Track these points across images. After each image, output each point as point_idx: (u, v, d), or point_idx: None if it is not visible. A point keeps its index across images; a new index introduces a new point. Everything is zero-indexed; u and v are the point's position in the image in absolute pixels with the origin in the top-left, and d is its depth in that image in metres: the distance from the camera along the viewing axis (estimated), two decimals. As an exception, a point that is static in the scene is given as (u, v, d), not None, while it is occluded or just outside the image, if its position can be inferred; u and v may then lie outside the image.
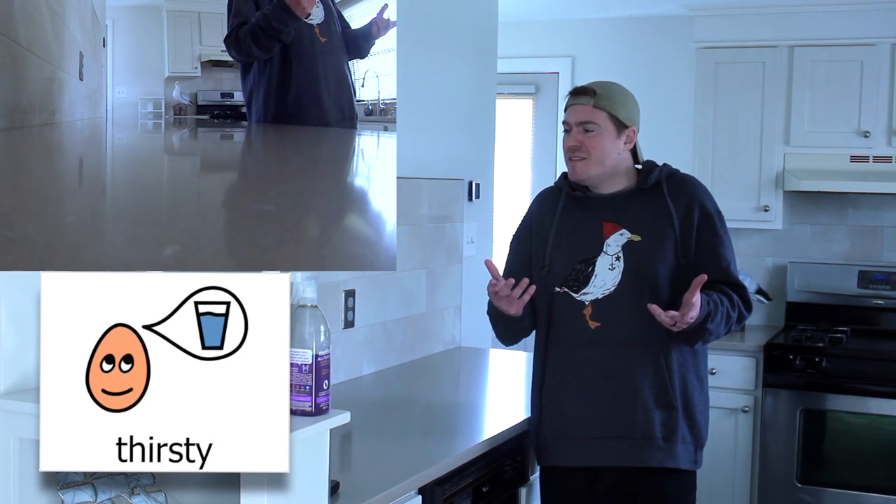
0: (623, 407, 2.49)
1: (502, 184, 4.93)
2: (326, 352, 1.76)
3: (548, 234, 2.60)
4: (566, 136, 2.56)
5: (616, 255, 2.50)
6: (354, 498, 2.04)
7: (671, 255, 2.50)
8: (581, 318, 2.51)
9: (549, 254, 2.58)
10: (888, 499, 4.04)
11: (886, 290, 4.49)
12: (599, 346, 2.50)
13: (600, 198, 2.57)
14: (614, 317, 2.49)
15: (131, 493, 1.78)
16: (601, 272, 2.50)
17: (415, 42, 3.48)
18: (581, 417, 2.51)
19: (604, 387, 2.50)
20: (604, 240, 2.52)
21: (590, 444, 2.51)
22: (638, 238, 2.50)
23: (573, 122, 2.53)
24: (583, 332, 2.51)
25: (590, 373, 2.51)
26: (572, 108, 2.55)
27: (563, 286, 2.53)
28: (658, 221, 2.51)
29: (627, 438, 2.49)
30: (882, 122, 4.33)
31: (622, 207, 2.54)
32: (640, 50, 5.14)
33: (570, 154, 2.54)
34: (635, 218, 2.52)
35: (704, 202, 2.55)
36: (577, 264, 2.52)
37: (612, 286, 2.49)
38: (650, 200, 2.54)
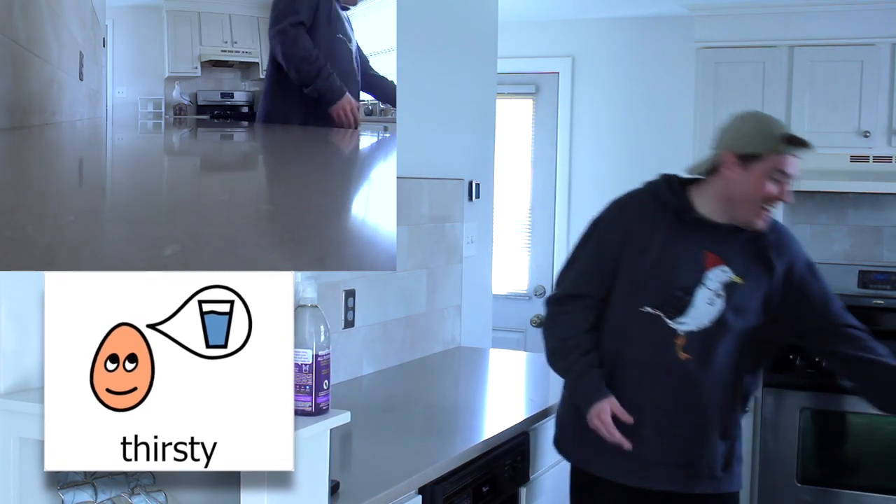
0: (693, 440, 2.48)
1: (502, 184, 4.93)
2: (326, 352, 1.76)
3: (647, 249, 2.48)
4: (774, 185, 2.41)
5: (717, 292, 2.44)
6: (354, 498, 2.04)
7: (762, 307, 2.48)
8: (671, 346, 2.44)
9: (646, 271, 2.47)
10: (888, 499, 4.04)
11: (886, 290, 4.49)
12: (684, 377, 2.45)
13: (706, 224, 2.48)
14: (706, 353, 2.44)
15: (131, 492, 1.78)
16: (699, 304, 2.44)
17: (415, 42, 3.48)
18: (650, 443, 2.47)
19: (679, 418, 2.47)
20: (705, 270, 2.44)
21: (652, 468, 2.49)
22: (741, 281, 2.45)
23: (794, 174, 2.42)
24: (670, 361, 2.44)
25: (668, 402, 2.46)
26: (796, 162, 2.41)
27: (656, 309, 2.45)
28: (759, 270, 2.47)
29: (690, 467, 2.49)
30: (882, 122, 4.33)
31: (725, 241, 2.47)
32: (640, 50, 5.13)
33: (770, 204, 2.43)
34: (738, 259, 2.46)
35: (804, 257, 2.54)
36: (677, 290, 2.44)
37: (708, 322, 2.43)
38: (753, 245, 2.48)
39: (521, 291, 5.45)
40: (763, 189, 2.41)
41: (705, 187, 2.51)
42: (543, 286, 5.37)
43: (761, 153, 2.41)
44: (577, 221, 5.25)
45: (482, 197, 4.06)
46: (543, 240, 5.39)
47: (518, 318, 5.39)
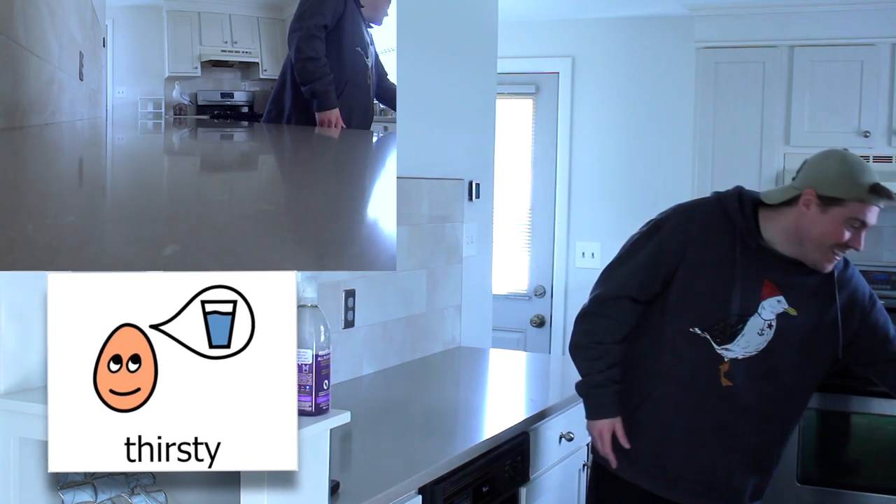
0: (725, 465, 2.46)
1: (502, 184, 4.93)
2: (326, 352, 1.76)
3: (705, 267, 2.42)
4: (850, 231, 2.34)
5: (769, 323, 2.40)
6: (354, 498, 2.04)
7: (818, 339, 2.44)
8: (716, 371, 2.41)
9: (701, 290, 2.42)
10: (888, 499, 4.04)
11: (886, 289, 4.49)
12: (723, 403, 2.42)
13: (771, 254, 2.42)
14: (748, 381, 2.42)
15: (131, 492, 1.78)
16: (749, 333, 2.39)
17: (415, 42, 3.48)
18: (681, 458, 2.47)
19: (713, 442, 2.45)
20: (760, 299, 2.39)
21: (681, 483, 2.48)
22: (794, 312, 2.40)
23: (872, 224, 2.35)
24: (712, 386, 2.42)
25: (705, 426, 2.45)
26: (875, 212, 2.34)
27: (705, 332, 2.41)
28: (818, 304, 2.42)
29: (717, 490, 2.48)
30: (882, 122, 4.33)
31: (787, 273, 2.42)
32: (640, 50, 5.13)
33: (842, 250, 2.37)
34: (797, 290, 2.41)
35: (867, 291, 2.51)
36: (729, 317, 2.39)
37: (754, 350, 2.40)
38: (815, 277, 2.43)
39: (521, 291, 5.45)
40: (838, 235, 2.33)
41: (777, 216, 2.42)
42: (543, 286, 5.37)
43: (845, 198, 2.32)
44: (578, 221, 5.26)
45: (482, 197, 4.06)
46: (543, 240, 5.39)
47: (518, 318, 5.39)
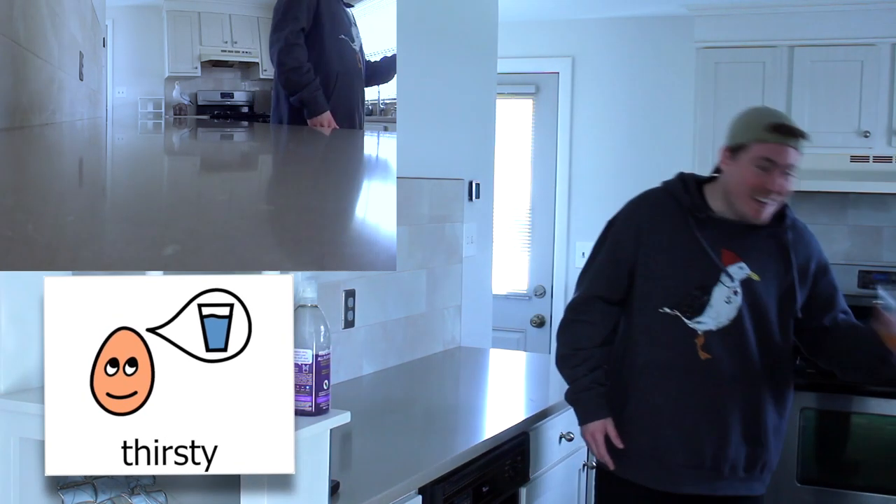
0: (717, 442, 2.46)
1: (502, 184, 4.93)
2: (326, 352, 1.76)
3: (661, 247, 2.48)
4: (761, 174, 2.37)
5: (734, 290, 2.43)
6: (354, 498, 2.04)
7: (782, 302, 2.47)
8: (691, 346, 2.43)
9: (661, 270, 2.47)
10: (888, 499, 4.04)
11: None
12: (706, 378, 2.44)
13: (722, 221, 2.47)
14: (725, 352, 2.43)
15: (131, 493, 1.78)
16: (717, 303, 2.42)
17: (415, 42, 3.48)
18: (674, 445, 2.47)
19: (701, 419, 2.46)
20: (721, 268, 2.43)
21: (677, 470, 2.48)
22: (758, 278, 2.44)
23: (783, 163, 2.37)
24: (691, 362, 2.44)
25: (690, 404, 2.46)
26: (782, 149, 2.37)
27: (674, 309, 2.44)
28: (778, 267, 2.46)
29: (714, 470, 2.47)
30: (882, 122, 4.33)
31: (742, 238, 2.46)
32: (640, 50, 5.13)
33: (765, 196, 2.39)
34: (755, 255, 2.45)
35: (821, 255, 2.55)
36: (694, 290, 2.43)
37: (726, 320, 2.43)
38: (771, 241, 2.48)
39: (521, 291, 5.45)
40: (750, 178, 2.38)
41: (714, 185, 2.51)
42: (543, 286, 5.37)
43: (746, 142, 2.41)
44: (578, 222, 5.26)
45: (482, 197, 4.07)
46: (543, 240, 5.39)
47: (518, 318, 5.39)
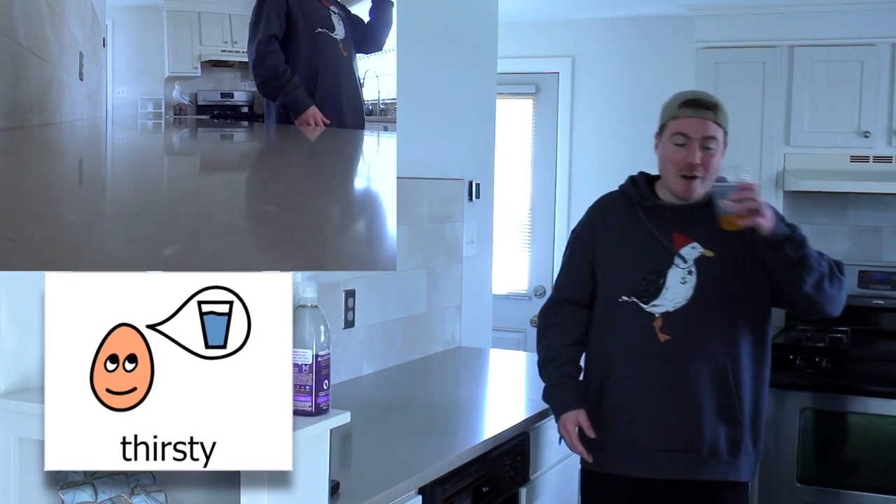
0: (690, 422, 2.46)
1: (502, 184, 4.93)
2: (326, 352, 1.76)
3: (615, 241, 2.55)
4: (679, 150, 2.45)
5: (688, 270, 2.46)
6: (354, 498, 2.04)
7: (742, 272, 2.47)
8: (650, 329, 2.46)
9: (616, 262, 2.53)
10: (888, 499, 4.04)
11: (886, 290, 4.49)
12: (668, 359, 2.45)
13: (671, 208, 2.52)
14: (685, 331, 2.45)
15: (131, 493, 1.78)
16: (672, 285, 2.46)
17: (415, 42, 3.48)
18: (648, 431, 2.48)
19: (671, 401, 2.46)
20: (674, 251, 2.47)
21: (655, 456, 2.48)
22: (711, 254, 2.46)
23: (697, 136, 2.43)
24: (651, 344, 2.46)
25: (657, 387, 2.47)
26: (695, 122, 2.45)
27: (631, 296, 2.49)
28: (733, 238, 2.45)
29: (693, 452, 2.47)
30: (882, 122, 4.33)
31: (693, 219, 2.49)
32: (640, 50, 5.13)
33: (688, 171, 2.44)
34: (706, 232, 2.46)
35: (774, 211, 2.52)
36: (648, 275, 2.47)
37: (683, 300, 2.45)
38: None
39: (521, 291, 5.45)
40: (671, 156, 2.47)
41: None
42: (543, 286, 5.37)
43: (663, 122, 2.53)
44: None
45: (482, 197, 4.07)
46: (543, 240, 5.39)
47: (518, 318, 5.39)
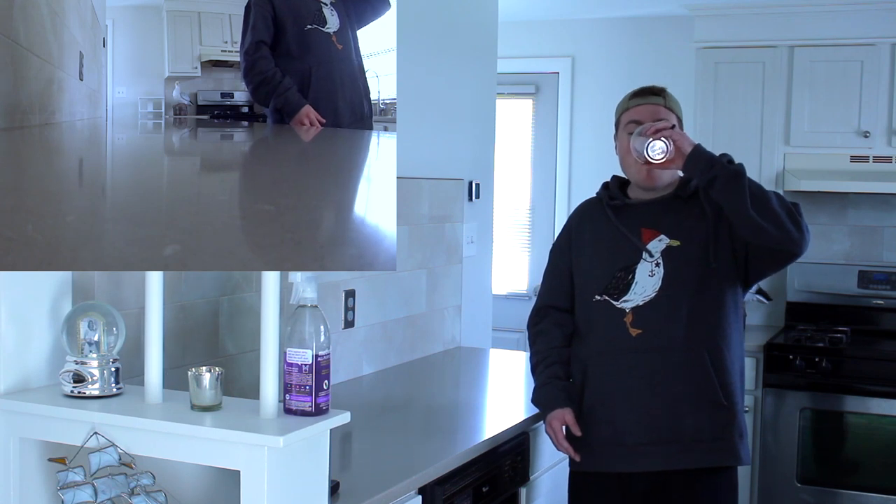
0: (670, 412, 2.46)
1: (502, 184, 4.93)
2: (326, 352, 1.76)
3: (587, 244, 2.59)
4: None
5: (656, 262, 2.48)
6: (354, 498, 2.04)
7: (706, 255, 2.47)
8: (622, 326, 2.48)
9: (588, 263, 2.57)
10: (888, 499, 4.04)
11: (886, 290, 4.49)
12: (641, 353, 2.46)
13: (639, 204, 2.56)
14: (655, 322, 2.46)
15: (131, 493, 1.78)
16: (641, 279, 2.48)
17: (415, 42, 3.48)
18: (630, 425, 2.48)
19: (649, 393, 2.46)
20: (641, 246, 2.49)
21: (640, 449, 2.48)
22: (677, 243, 2.48)
23: (649, 120, 2.47)
24: (624, 340, 2.48)
25: (634, 381, 2.47)
26: (645, 108, 2.51)
27: (603, 294, 2.51)
28: (699, 223, 2.48)
29: (676, 442, 2.47)
30: (882, 122, 4.34)
31: (660, 214, 2.52)
32: (640, 50, 5.14)
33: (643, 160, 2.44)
34: (672, 222, 2.49)
35: None
36: (618, 272, 2.50)
37: (652, 292, 2.47)
38: (688, 206, 2.52)
39: (521, 291, 5.45)
40: (626, 145, 2.51)
41: None
42: (543, 286, 5.37)
43: (617, 118, 2.61)
44: (577, 221, 5.25)
45: (482, 197, 4.07)
46: (543, 240, 5.39)
47: (518, 318, 5.38)
